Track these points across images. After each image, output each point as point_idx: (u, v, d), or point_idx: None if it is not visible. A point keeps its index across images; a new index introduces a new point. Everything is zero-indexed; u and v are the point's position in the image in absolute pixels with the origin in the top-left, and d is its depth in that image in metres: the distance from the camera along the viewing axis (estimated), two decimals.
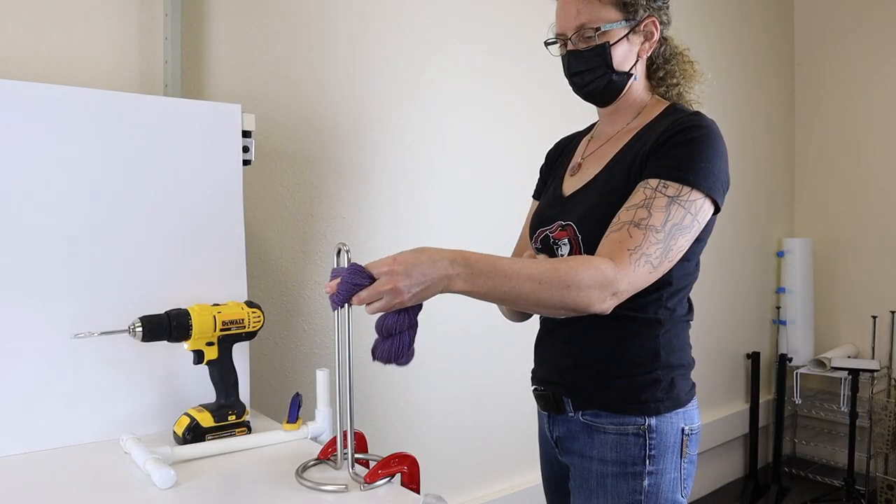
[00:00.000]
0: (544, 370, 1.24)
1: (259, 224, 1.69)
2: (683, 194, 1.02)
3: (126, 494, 0.99)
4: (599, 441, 1.12)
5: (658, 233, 1.00)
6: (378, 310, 0.91)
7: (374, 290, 0.89)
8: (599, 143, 1.23)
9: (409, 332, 0.96)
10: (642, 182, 1.05)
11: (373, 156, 1.90)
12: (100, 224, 1.26)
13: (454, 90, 2.07)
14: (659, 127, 1.10)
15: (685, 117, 1.09)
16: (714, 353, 3.08)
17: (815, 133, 3.40)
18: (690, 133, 1.05)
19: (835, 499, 2.93)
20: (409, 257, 0.90)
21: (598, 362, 1.13)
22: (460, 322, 2.08)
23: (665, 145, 1.06)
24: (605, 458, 1.11)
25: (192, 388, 1.32)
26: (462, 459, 2.13)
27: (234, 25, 1.64)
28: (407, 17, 1.96)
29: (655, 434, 1.09)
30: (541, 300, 0.96)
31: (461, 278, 0.92)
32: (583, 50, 1.14)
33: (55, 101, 1.22)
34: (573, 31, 1.14)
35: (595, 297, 0.97)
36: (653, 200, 1.02)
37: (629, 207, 1.03)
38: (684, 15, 2.87)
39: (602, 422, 1.12)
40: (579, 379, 1.15)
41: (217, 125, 1.39)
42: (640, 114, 1.19)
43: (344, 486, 0.97)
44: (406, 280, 0.88)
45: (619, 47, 1.14)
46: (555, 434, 1.21)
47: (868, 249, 3.22)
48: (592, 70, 1.15)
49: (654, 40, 1.17)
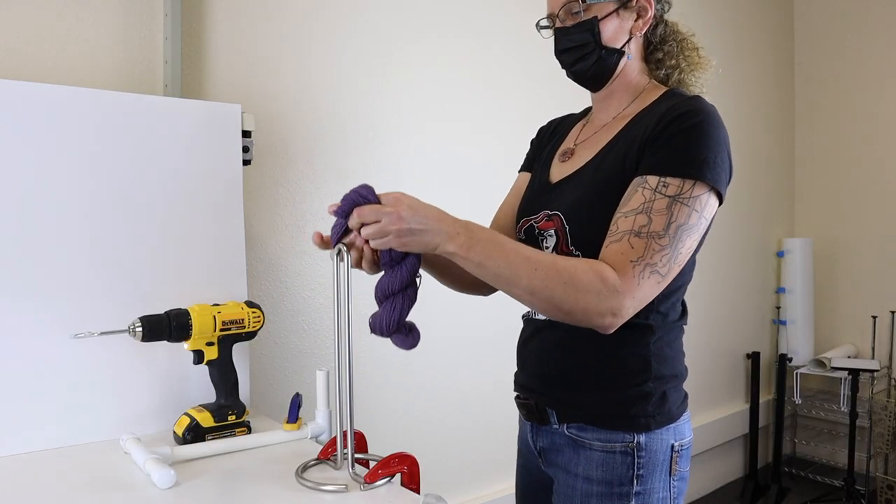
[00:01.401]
0: (526, 376, 1.15)
1: (259, 224, 1.69)
2: (686, 190, 0.94)
3: (126, 494, 0.99)
4: (585, 457, 1.05)
5: (661, 238, 0.92)
6: (373, 233, 0.89)
7: (377, 209, 0.88)
8: (593, 129, 1.15)
9: (405, 297, 0.94)
10: (639, 179, 0.96)
11: (373, 156, 1.90)
12: (100, 224, 1.26)
13: (456, 91, 2.07)
14: (656, 112, 1.01)
15: (682, 102, 1.00)
16: (714, 353, 3.08)
17: (815, 133, 3.40)
18: (688, 119, 0.96)
19: (835, 499, 2.93)
20: (422, 202, 0.90)
21: (585, 372, 1.05)
22: (461, 322, 2.08)
23: (662, 135, 0.96)
24: (591, 477, 1.04)
25: (192, 388, 1.32)
26: (462, 459, 2.13)
27: (234, 25, 1.64)
28: (408, 17, 1.96)
29: (644, 452, 1.02)
30: (535, 288, 0.90)
31: (459, 238, 0.90)
32: (570, 26, 1.08)
33: (55, 101, 1.22)
34: (560, 6, 1.08)
35: (592, 305, 0.90)
36: (652, 203, 0.93)
37: (628, 213, 0.94)
38: (685, 15, 2.86)
39: (588, 437, 1.05)
40: (564, 390, 1.07)
41: (217, 125, 1.39)
42: (637, 99, 1.10)
43: (344, 486, 0.97)
44: (409, 213, 0.88)
45: (608, 23, 1.07)
46: (538, 444, 1.13)
47: (868, 249, 3.22)
48: (580, 47, 1.08)
49: (648, 17, 1.09)
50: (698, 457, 2.94)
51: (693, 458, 1.15)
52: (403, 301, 0.94)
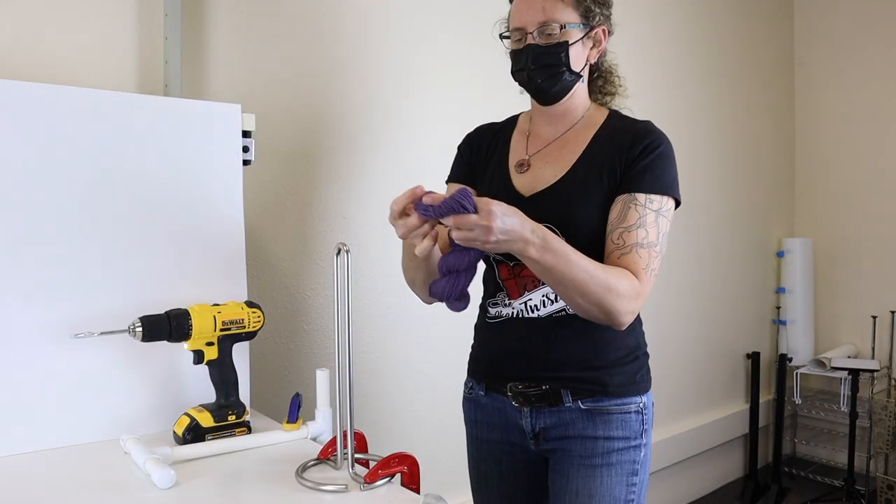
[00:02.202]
0: (530, 368, 1.25)
1: (259, 224, 1.69)
2: (665, 205, 1.18)
3: (126, 494, 0.99)
4: (602, 421, 1.22)
5: (656, 247, 1.16)
6: (464, 238, 0.99)
7: (473, 221, 0.97)
8: (543, 142, 1.28)
9: (467, 273, 1.08)
10: (628, 196, 1.16)
11: (373, 156, 1.90)
12: (100, 224, 1.26)
13: (456, 90, 2.07)
14: (621, 134, 1.22)
15: (646, 127, 1.22)
16: (714, 353, 3.08)
17: (815, 133, 3.40)
18: (659, 145, 1.19)
19: (835, 499, 2.93)
20: (509, 209, 1.01)
21: (599, 355, 1.22)
22: (461, 322, 2.08)
23: (640, 158, 1.17)
24: (612, 435, 1.22)
25: (192, 388, 1.32)
26: (462, 459, 2.13)
27: (234, 25, 1.64)
28: (408, 17, 1.96)
29: (647, 410, 1.26)
30: (586, 292, 1.08)
31: (536, 247, 1.03)
32: (543, 45, 1.19)
33: (55, 101, 1.22)
34: (536, 26, 1.18)
35: (624, 307, 1.11)
36: (645, 218, 1.15)
37: (629, 228, 1.14)
38: (685, 15, 2.87)
39: (604, 405, 1.22)
40: (582, 371, 1.22)
41: (217, 125, 1.39)
42: (584, 117, 1.27)
43: (344, 486, 0.97)
44: (500, 224, 0.98)
45: (574, 48, 1.20)
46: (538, 425, 1.26)
47: (868, 249, 3.22)
48: (550, 66, 1.20)
49: (602, 48, 1.26)
50: (698, 457, 2.94)
51: (693, 458, 1.19)
52: (466, 278, 1.08)
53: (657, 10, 2.77)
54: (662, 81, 2.77)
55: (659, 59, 2.77)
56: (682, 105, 2.84)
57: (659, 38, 2.77)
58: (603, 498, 1.21)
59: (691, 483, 2.98)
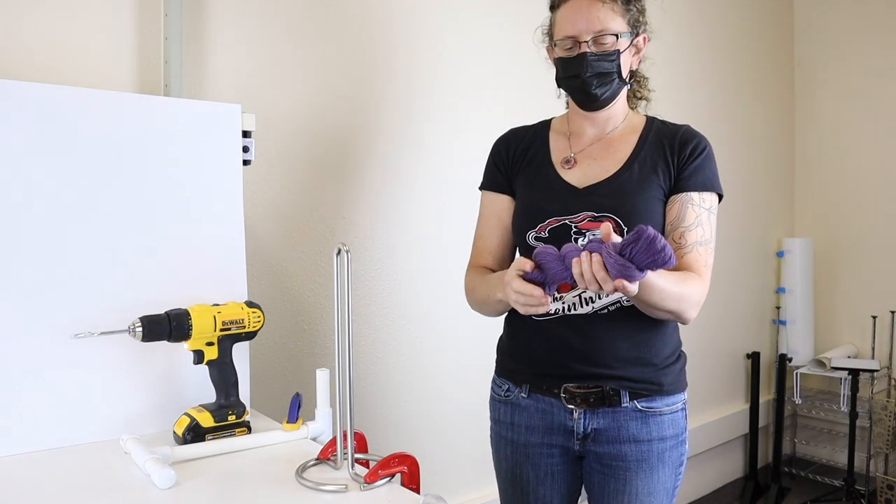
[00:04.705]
0: (584, 367, 1.25)
1: (259, 224, 1.69)
2: (714, 203, 1.28)
3: (126, 494, 0.99)
4: (655, 423, 1.27)
5: (710, 243, 1.25)
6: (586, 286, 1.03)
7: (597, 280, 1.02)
8: (587, 141, 1.33)
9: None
10: (685, 196, 1.24)
11: (373, 156, 1.90)
12: (100, 224, 1.26)
13: (455, 90, 2.07)
14: (666, 138, 1.29)
15: (689, 131, 1.31)
16: (714, 353, 3.08)
17: (815, 133, 3.40)
18: (706, 148, 1.28)
19: (835, 499, 2.93)
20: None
21: (654, 353, 1.27)
22: (462, 323, 2.08)
23: (689, 160, 1.26)
24: (664, 437, 1.28)
25: (192, 388, 1.32)
26: (462, 459, 2.13)
27: (234, 25, 1.64)
28: (408, 16, 1.96)
29: (687, 406, 1.33)
30: (661, 308, 1.17)
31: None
32: (600, 53, 1.23)
33: (55, 101, 1.22)
34: (592, 34, 1.22)
35: (694, 312, 1.22)
36: (700, 217, 1.24)
37: (689, 227, 1.23)
38: (686, 15, 2.87)
39: (656, 405, 1.27)
40: (638, 369, 1.26)
41: (217, 125, 1.39)
42: (625, 120, 1.34)
43: (344, 486, 0.97)
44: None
45: (624, 56, 1.26)
46: (590, 427, 1.27)
47: (868, 249, 3.22)
48: (605, 75, 1.24)
49: (642, 55, 1.33)
50: (698, 457, 2.94)
51: (693, 458, 1.20)
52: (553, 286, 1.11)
53: (656, 11, 2.77)
54: (662, 82, 2.76)
55: (658, 59, 2.76)
56: (682, 105, 2.83)
57: (658, 39, 2.76)
58: (658, 494, 1.28)
59: (691, 483, 2.97)
